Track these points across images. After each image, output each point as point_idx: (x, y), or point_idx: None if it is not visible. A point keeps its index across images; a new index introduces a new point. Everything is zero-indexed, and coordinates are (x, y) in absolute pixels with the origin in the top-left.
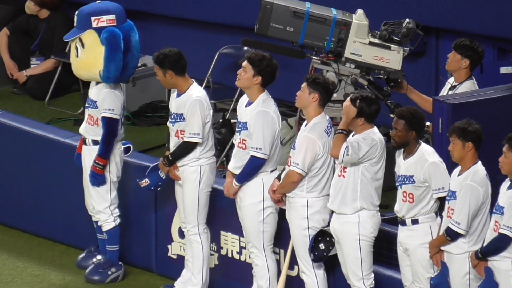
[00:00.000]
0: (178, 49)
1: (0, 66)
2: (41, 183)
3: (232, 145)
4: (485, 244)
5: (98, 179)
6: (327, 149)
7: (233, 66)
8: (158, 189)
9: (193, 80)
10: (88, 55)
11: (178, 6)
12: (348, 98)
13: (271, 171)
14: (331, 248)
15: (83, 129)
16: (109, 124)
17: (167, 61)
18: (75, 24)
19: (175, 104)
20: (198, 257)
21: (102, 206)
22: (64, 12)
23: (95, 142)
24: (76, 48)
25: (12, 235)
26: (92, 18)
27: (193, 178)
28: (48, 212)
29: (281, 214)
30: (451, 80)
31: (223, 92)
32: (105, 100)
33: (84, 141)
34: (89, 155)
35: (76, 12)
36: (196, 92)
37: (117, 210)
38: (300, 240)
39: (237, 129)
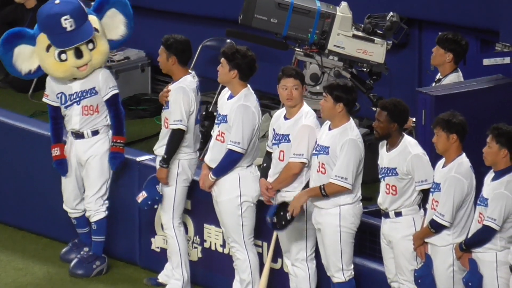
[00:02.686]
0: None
1: None
2: (24, 176)
3: None
4: (469, 235)
5: (120, 158)
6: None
7: (216, 59)
8: (156, 206)
9: (192, 72)
10: (102, 36)
11: None
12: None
13: (247, 166)
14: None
15: (76, 124)
16: (118, 100)
17: (174, 46)
18: (72, 26)
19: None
20: (175, 252)
21: (96, 196)
22: None
23: (94, 133)
24: (90, 42)
25: None
26: (83, 6)
27: (171, 171)
28: (31, 205)
29: (263, 206)
30: (438, 74)
31: (206, 84)
32: (108, 80)
33: (77, 136)
34: (87, 146)
35: (65, 17)
36: (185, 82)
37: (107, 201)
38: (295, 234)
39: (216, 121)
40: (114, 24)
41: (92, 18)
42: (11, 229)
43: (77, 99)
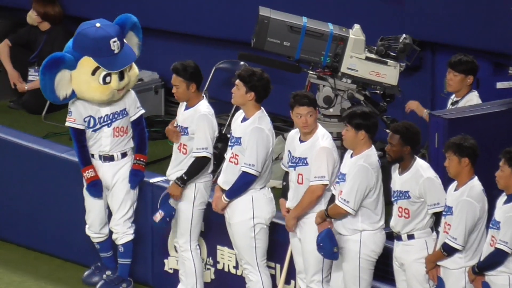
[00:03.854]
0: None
1: None
2: (37, 197)
3: None
4: (482, 259)
5: (141, 176)
6: (338, 159)
7: (229, 81)
8: (171, 219)
9: (204, 96)
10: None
11: (175, 20)
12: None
13: (260, 188)
14: None
15: (107, 146)
16: (143, 120)
17: (194, 74)
18: (118, 47)
19: (182, 117)
20: (191, 274)
21: (124, 218)
22: (65, 26)
23: (123, 155)
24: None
25: (8, 249)
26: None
27: (187, 195)
28: (44, 226)
29: (275, 228)
30: (453, 96)
31: (219, 106)
32: (136, 100)
33: (107, 159)
34: (115, 169)
35: (114, 39)
36: (204, 107)
37: (133, 224)
38: (314, 255)
39: (229, 144)
40: (131, 46)
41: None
42: (24, 250)
43: (108, 121)
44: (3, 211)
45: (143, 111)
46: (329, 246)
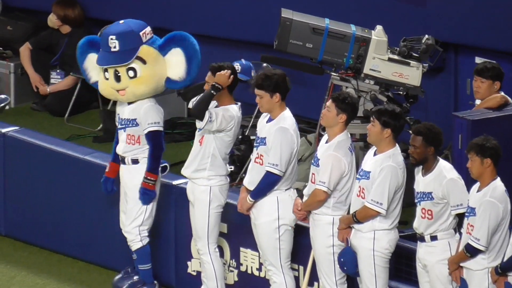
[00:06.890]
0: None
1: (18, 83)
2: (60, 200)
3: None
4: (505, 259)
5: (150, 195)
6: (351, 167)
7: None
8: None
9: (238, 103)
10: (152, 69)
11: (197, 22)
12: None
13: (286, 190)
14: None
15: (121, 149)
16: (155, 138)
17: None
18: (116, 47)
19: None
20: (211, 277)
21: (133, 225)
22: (87, 29)
23: (134, 161)
24: (130, 70)
25: (32, 251)
26: (140, 34)
27: (202, 198)
28: (67, 228)
29: (299, 230)
30: (478, 102)
31: (242, 108)
32: (148, 115)
33: (122, 161)
34: (128, 174)
35: (112, 37)
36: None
37: (145, 231)
38: (324, 258)
39: (255, 144)
40: (174, 63)
41: (147, 50)
42: (47, 252)
43: (124, 125)
44: (25, 213)
45: (154, 128)
46: (352, 269)
